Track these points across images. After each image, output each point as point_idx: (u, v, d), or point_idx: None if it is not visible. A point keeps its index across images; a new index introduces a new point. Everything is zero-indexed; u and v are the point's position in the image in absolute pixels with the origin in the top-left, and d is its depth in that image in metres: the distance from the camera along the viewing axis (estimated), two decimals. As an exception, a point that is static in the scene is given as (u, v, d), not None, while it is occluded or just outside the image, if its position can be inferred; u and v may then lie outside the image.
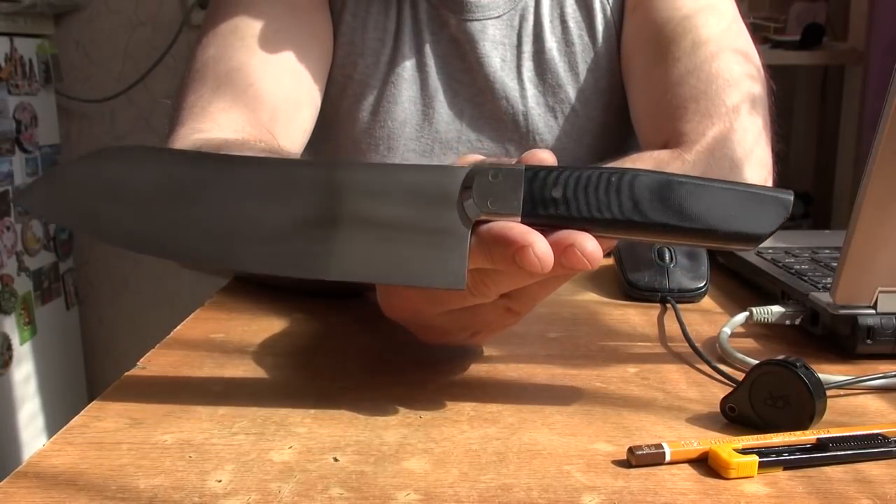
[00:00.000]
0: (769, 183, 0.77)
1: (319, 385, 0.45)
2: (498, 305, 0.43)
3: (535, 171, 0.39)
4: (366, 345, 0.52)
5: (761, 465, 0.35)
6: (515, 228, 0.38)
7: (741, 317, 0.52)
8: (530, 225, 0.38)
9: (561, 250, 0.38)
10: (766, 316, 0.52)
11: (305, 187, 0.41)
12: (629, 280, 0.62)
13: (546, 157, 0.42)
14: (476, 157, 0.46)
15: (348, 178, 0.41)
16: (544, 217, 0.39)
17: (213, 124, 0.73)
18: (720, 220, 0.38)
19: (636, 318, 0.58)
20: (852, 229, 0.45)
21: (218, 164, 0.42)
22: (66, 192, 0.42)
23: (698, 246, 0.41)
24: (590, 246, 0.38)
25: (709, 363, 0.47)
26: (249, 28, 0.79)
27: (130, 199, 0.41)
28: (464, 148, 0.86)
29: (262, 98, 0.76)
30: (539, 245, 0.37)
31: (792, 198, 0.39)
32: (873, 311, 0.48)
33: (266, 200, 0.41)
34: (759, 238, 0.38)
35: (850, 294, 0.48)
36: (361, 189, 0.40)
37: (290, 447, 0.37)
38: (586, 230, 0.39)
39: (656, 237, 0.39)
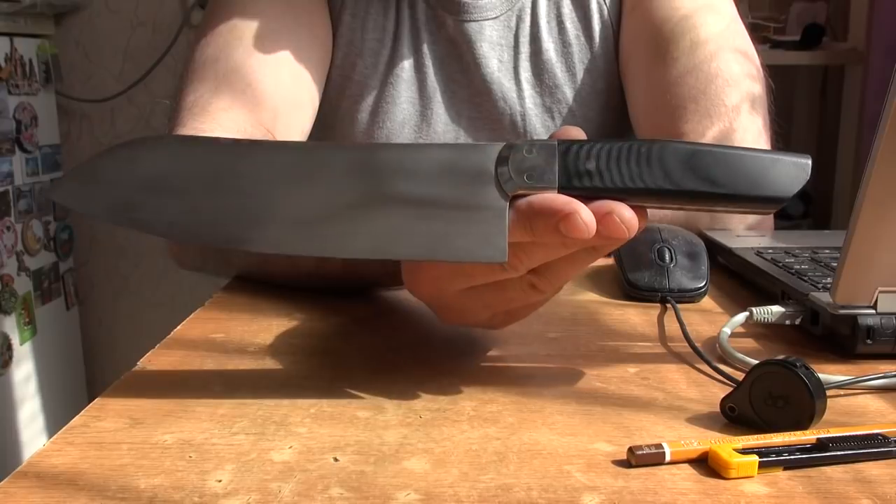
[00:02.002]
0: None
1: (319, 385, 0.45)
2: (524, 282, 0.43)
3: (568, 145, 0.40)
4: (366, 345, 0.52)
5: (761, 465, 0.35)
6: (558, 199, 0.39)
7: (741, 317, 0.52)
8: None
9: (599, 219, 0.39)
10: (766, 316, 0.52)
11: (342, 169, 0.42)
12: (629, 280, 0.62)
13: (577, 133, 0.43)
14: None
15: (383, 158, 0.41)
16: (580, 189, 0.40)
17: (215, 124, 0.73)
18: (746, 186, 0.40)
19: (636, 318, 0.58)
20: (852, 229, 0.45)
21: (253, 150, 0.43)
22: (100, 185, 0.42)
23: (726, 211, 0.43)
24: (627, 214, 0.39)
25: (709, 363, 0.47)
26: (248, 27, 0.79)
27: (168, 189, 0.41)
28: None
29: (262, 98, 0.76)
30: (583, 212, 0.38)
31: (810, 161, 0.40)
32: (873, 311, 0.48)
33: (304, 184, 0.41)
34: (781, 200, 0.40)
35: (850, 294, 0.48)
36: (397, 168, 0.41)
37: (290, 447, 0.37)
38: (621, 200, 0.40)
39: (686, 204, 0.41)
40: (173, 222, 0.41)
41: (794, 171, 0.40)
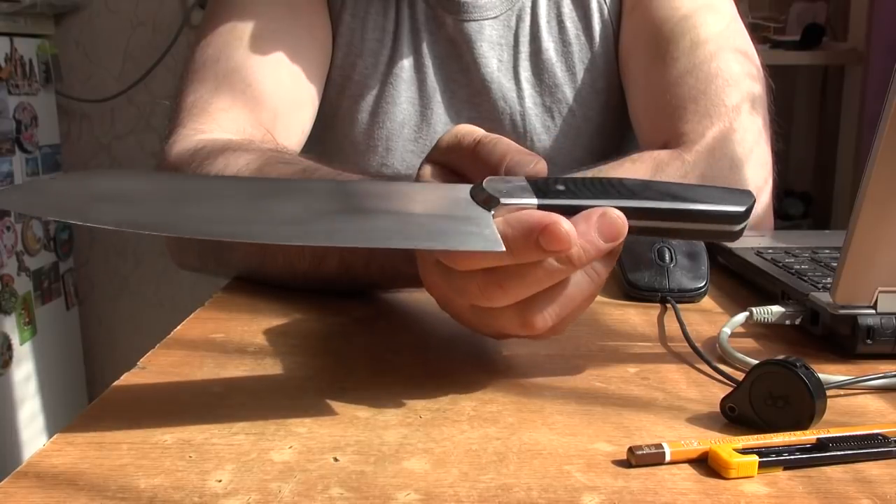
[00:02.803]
0: (769, 183, 0.77)
1: (319, 385, 0.45)
2: (513, 318, 0.41)
3: (535, 179, 0.42)
4: (366, 345, 0.52)
5: (761, 465, 0.35)
6: (535, 214, 0.39)
7: (741, 317, 0.52)
8: None
9: (596, 223, 0.39)
10: (766, 316, 0.52)
11: (316, 195, 0.42)
12: (629, 280, 0.62)
13: (541, 168, 0.43)
14: (467, 127, 0.46)
15: (362, 188, 0.42)
16: (556, 206, 0.40)
17: (215, 125, 0.73)
18: (704, 200, 0.44)
19: (636, 318, 0.58)
20: (852, 229, 0.45)
21: (221, 179, 0.43)
22: (49, 196, 0.39)
23: (688, 230, 0.44)
24: (615, 212, 0.39)
25: (709, 363, 0.47)
26: (248, 28, 0.79)
27: (125, 199, 0.39)
28: None
29: (262, 98, 0.76)
30: (563, 221, 0.38)
31: (753, 195, 0.45)
32: (873, 311, 0.47)
33: (280, 200, 0.40)
34: (739, 217, 0.43)
35: (850, 294, 0.48)
36: (377, 194, 0.42)
37: (290, 447, 0.37)
38: None
39: (652, 221, 0.43)
40: (126, 220, 0.37)
41: (742, 196, 0.44)
